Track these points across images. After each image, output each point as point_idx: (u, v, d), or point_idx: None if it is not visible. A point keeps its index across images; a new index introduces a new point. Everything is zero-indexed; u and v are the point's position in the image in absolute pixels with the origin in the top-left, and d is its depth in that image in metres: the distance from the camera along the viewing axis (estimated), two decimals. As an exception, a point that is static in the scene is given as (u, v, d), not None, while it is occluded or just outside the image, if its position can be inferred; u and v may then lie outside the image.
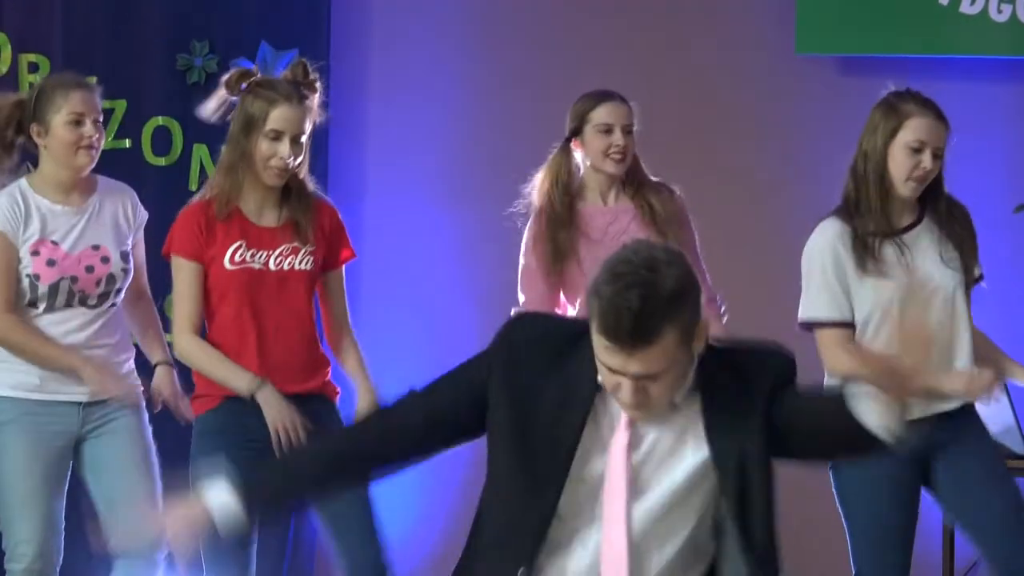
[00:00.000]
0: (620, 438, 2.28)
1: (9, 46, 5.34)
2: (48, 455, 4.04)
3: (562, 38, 5.87)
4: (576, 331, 2.33)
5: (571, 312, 4.23)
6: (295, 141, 3.87)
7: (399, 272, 5.31)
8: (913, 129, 3.83)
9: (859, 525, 3.88)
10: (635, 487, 2.26)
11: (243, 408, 3.66)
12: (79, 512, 4.19)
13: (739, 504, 2.27)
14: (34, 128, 3.99)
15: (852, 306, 3.89)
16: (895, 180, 3.82)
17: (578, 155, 4.26)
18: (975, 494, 3.92)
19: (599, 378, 2.26)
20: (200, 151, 5.26)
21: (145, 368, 4.26)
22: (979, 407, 4.04)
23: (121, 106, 5.33)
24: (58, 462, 4.07)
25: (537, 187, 4.27)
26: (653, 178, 4.38)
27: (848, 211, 3.87)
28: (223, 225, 3.86)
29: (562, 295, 4.21)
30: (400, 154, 5.47)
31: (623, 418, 2.29)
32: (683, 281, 2.23)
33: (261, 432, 3.75)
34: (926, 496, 4.08)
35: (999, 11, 5.65)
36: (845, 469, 3.87)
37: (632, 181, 4.27)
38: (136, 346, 4.36)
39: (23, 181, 4.12)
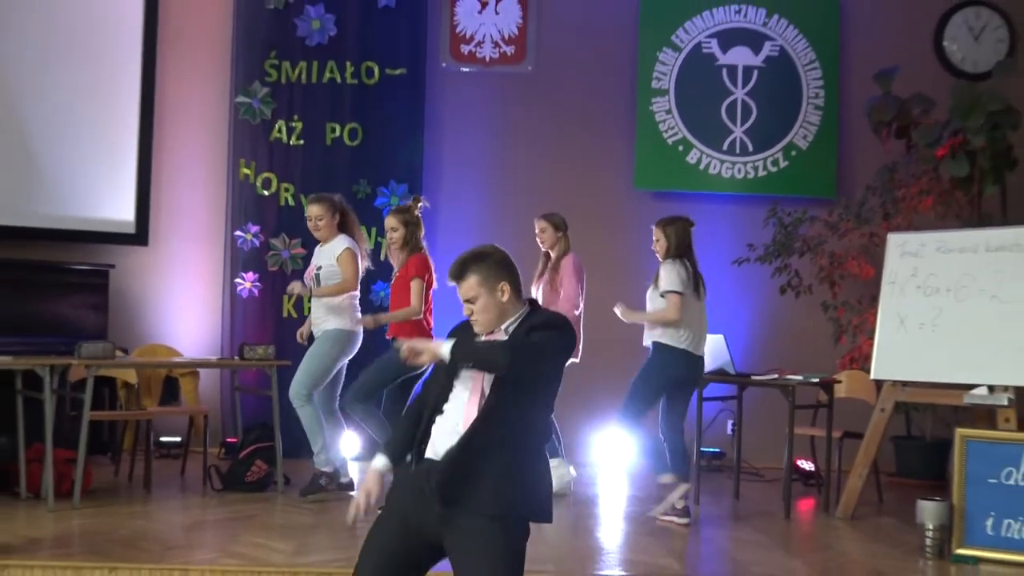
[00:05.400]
0: None
1: (276, 179, 8.11)
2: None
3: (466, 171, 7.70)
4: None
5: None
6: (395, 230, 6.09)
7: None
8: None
9: (639, 384, 5.75)
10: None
11: None
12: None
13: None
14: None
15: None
16: None
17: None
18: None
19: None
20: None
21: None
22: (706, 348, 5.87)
23: (326, 214, 6.94)
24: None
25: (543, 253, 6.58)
26: (564, 255, 6.41)
27: None
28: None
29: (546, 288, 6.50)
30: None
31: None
32: (487, 256, 2.98)
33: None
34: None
35: (725, 173, 8.19)
36: (655, 367, 5.69)
37: (554, 256, 6.57)
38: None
39: None
